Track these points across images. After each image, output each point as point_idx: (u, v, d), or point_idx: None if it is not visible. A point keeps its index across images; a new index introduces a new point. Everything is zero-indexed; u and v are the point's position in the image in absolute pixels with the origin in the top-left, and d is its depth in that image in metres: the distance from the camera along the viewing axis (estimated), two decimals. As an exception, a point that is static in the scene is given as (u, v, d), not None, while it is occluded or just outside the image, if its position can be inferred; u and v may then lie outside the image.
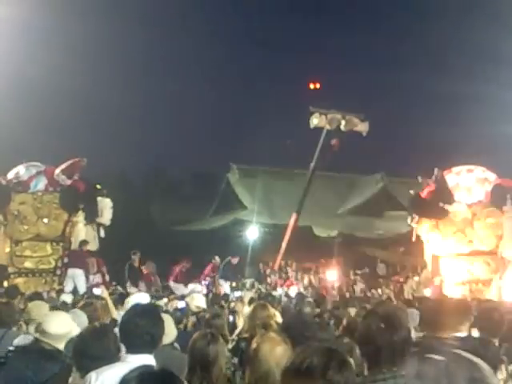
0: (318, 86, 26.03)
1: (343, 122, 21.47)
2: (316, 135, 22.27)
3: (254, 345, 3.43)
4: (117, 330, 6.03)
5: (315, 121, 21.49)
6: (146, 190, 37.09)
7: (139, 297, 7.44)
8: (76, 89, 27.61)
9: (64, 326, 4.96)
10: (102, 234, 16.77)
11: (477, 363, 3.76)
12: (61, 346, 4.83)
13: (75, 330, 4.99)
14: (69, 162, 16.59)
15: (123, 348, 4.25)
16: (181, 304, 8.62)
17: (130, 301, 7.23)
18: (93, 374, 3.84)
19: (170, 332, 5.69)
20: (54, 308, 7.27)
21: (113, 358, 4.21)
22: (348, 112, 21.92)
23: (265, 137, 34.46)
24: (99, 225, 16.72)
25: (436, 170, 17.10)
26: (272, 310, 5.84)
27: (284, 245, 22.36)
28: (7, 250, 15.77)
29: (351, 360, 2.62)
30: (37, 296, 10.19)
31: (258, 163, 30.53)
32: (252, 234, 26.46)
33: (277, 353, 3.31)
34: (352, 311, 7.95)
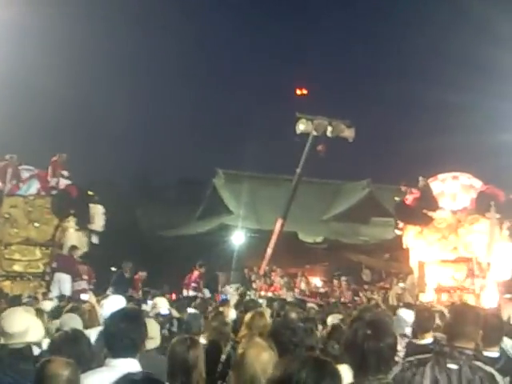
0: (304, 92, 26.10)
1: (330, 128, 21.52)
2: (302, 141, 22.30)
3: (240, 350, 3.42)
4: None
5: (302, 126, 21.52)
6: (132, 194, 37.01)
7: (115, 299, 7.36)
8: (64, 94, 27.55)
9: (20, 324, 4.84)
10: (95, 240, 16.72)
11: (491, 373, 3.79)
12: (20, 344, 4.74)
13: (34, 327, 4.91)
14: (51, 165, 16.58)
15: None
16: (164, 310, 8.60)
17: (105, 303, 7.19)
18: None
19: (155, 336, 5.67)
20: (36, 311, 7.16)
21: (88, 363, 4.20)
22: (334, 118, 21.98)
23: (251, 142, 34.50)
24: (92, 231, 16.67)
25: (420, 179, 17.18)
26: (268, 319, 5.80)
27: (269, 250, 22.34)
28: (-4, 252, 15.72)
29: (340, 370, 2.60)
30: (16, 299, 10.09)
31: (243, 168, 30.60)
32: (237, 238, 26.44)
33: (263, 358, 3.29)
34: (333, 317, 7.88)
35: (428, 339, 6.34)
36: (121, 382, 2.46)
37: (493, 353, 5.00)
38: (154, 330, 5.61)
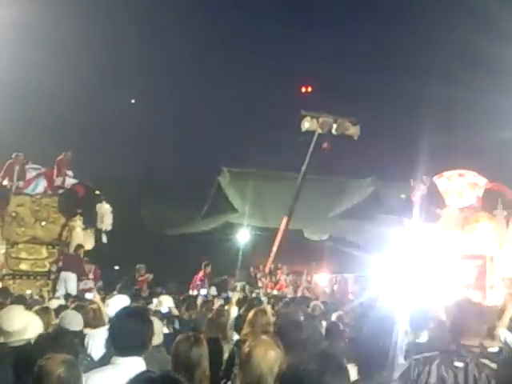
0: (309, 89, 26.08)
1: (335, 126, 21.49)
2: (307, 139, 22.27)
3: (246, 349, 3.39)
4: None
5: (307, 124, 21.49)
6: (137, 193, 36.96)
7: (119, 298, 7.38)
8: (68, 91, 27.56)
9: (18, 322, 4.82)
10: (105, 239, 16.78)
11: (496, 370, 3.79)
12: (20, 342, 4.73)
13: (32, 324, 4.91)
14: (57, 164, 16.64)
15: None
16: (164, 309, 8.63)
17: (110, 302, 7.21)
18: (82, 378, 3.81)
19: (157, 334, 5.68)
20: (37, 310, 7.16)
21: None
22: (339, 115, 21.95)
23: (255, 140, 34.42)
24: (101, 230, 16.73)
25: (425, 178, 17.13)
26: (270, 316, 5.77)
27: (275, 248, 22.34)
28: (3, 251, 15.77)
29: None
30: (20, 298, 10.10)
31: (248, 166, 30.56)
32: (243, 237, 26.45)
33: (270, 357, 3.27)
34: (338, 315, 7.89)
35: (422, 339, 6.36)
36: (137, 381, 2.44)
37: (492, 348, 5.00)
38: (156, 326, 5.63)
